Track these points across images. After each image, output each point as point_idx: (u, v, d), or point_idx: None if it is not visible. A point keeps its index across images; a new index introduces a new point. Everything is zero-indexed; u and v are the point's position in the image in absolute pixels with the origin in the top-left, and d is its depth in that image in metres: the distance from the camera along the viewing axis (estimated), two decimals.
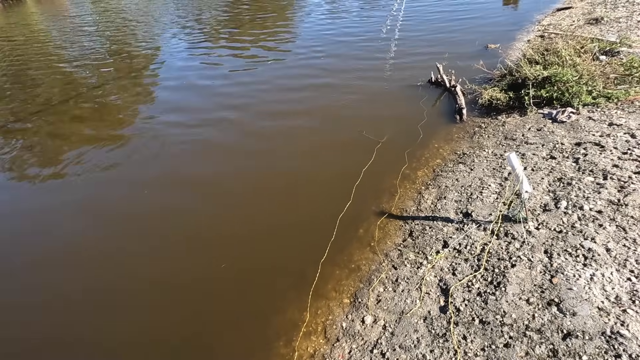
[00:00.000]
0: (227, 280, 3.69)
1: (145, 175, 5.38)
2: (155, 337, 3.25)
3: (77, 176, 5.47)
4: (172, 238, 4.24)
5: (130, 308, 3.54)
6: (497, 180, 4.12)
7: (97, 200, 4.97)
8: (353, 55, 8.89)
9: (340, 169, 4.98)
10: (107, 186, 5.22)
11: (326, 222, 4.16)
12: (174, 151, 5.84)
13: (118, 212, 4.72)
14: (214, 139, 6.06)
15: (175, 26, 12.70)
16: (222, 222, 4.39)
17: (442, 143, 5.29)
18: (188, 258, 3.97)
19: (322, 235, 4.01)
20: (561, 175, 3.80)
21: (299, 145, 5.65)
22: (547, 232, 3.17)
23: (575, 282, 2.66)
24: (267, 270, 3.76)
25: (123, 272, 3.88)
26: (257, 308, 3.42)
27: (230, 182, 5.05)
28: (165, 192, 4.96)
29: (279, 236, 4.11)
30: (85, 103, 7.91)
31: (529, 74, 5.56)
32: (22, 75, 9.96)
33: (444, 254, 3.40)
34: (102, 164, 5.67)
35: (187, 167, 5.46)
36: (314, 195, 4.62)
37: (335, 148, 5.47)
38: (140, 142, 6.16)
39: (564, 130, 4.62)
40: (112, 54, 11.01)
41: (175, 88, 8.27)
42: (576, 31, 7.48)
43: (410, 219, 4.03)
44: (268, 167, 5.25)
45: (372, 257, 3.72)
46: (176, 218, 4.51)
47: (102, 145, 6.19)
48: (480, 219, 3.64)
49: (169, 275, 3.79)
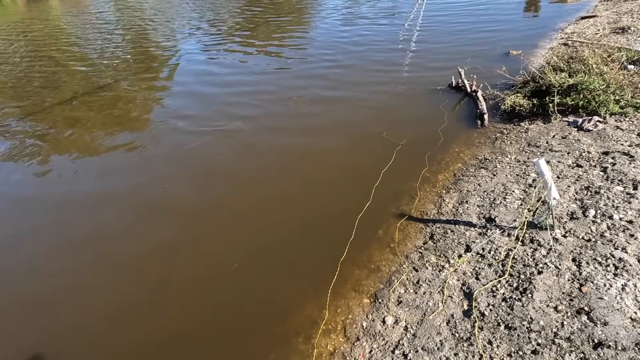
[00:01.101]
0: (246, 274, 3.71)
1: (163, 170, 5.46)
2: (175, 329, 3.28)
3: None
4: (196, 233, 4.29)
5: (159, 305, 3.58)
6: (521, 186, 4.06)
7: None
8: (372, 57, 8.88)
9: (359, 170, 4.97)
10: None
11: (345, 222, 4.15)
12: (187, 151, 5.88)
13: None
14: (235, 137, 6.11)
15: (189, 27, 12.88)
16: (242, 217, 4.42)
17: (462, 147, 5.24)
18: (209, 253, 4.01)
19: (341, 235, 4.00)
20: (588, 184, 3.73)
21: (316, 143, 5.66)
22: (575, 240, 3.11)
23: (606, 291, 2.60)
24: (286, 267, 3.77)
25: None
26: (276, 304, 3.42)
27: (251, 178, 5.09)
28: (190, 186, 5.02)
29: (298, 234, 4.12)
30: (93, 101, 8.02)
31: (554, 81, 5.48)
32: (41, 67, 10.20)
33: (466, 258, 3.36)
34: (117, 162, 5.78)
35: (214, 162, 5.53)
36: (332, 195, 4.62)
37: (353, 148, 5.46)
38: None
39: (590, 139, 4.54)
40: (128, 51, 11.20)
41: (178, 94, 8.19)
42: (602, 40, 7.35)
43: (431, 222, 4.00)
44: (287, 165, 5.27)
45: (392, 259, 3.70)
46: (197, 210, 4.57)
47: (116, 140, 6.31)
48: (504, 224, 3.59)
49: (190, 270, 3.83)
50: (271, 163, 5.35)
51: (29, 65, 10.45)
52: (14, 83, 9.30)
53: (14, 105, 8.08)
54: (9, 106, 8.07)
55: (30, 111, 7.66)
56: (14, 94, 8.70)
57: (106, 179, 5.32)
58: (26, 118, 7.38)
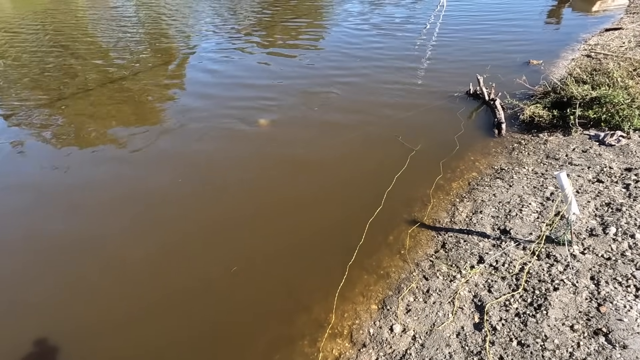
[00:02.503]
0: (254, 275, 3.69)
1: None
2: (182, 325, 3.29)
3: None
4: (205, 234, 4.30)
5: (160, 314, 3.59)
6: (538, 199, 3.97)
7: None
8: (389, 62, 8.81)
9: (372, 174, 4.92)
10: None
11: (355, 226, 4.11)
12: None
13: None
14: (235, 135, 6.12)
15: (207, 26, 13.00)
16: (251, 219, 4.40)
17: (478, 156, 5.15)
18: (216, 255, 4.01)
19: (351, 239, 3.96)
20: (609, 200, 3.62)
21: (329, 145, 5.63)
22: (594, 258, 3.01)
23: (626, 313, 2.50)
24: (295, 269, 3.74)
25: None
26: (283, 305, 3.40)
27: (262, 182, 5.06)
28: (196, 184, 5.04)
29: (308, 236, 4.09)
30: (112, 93, 8.16)
31: (576, 93, 5.35)
32: (59, 59, 10.40)
33: (479, 270, 3.29)
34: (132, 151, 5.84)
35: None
36: (344, 198, 4.58)
37: (367, 153, 5.41)
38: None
39: (612, 154, 4.41)
40: (145, 46, 11.34)
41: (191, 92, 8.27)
42: (627, 53, 7.16)
43: (443, 231, 3.93)
44: (299, 169, 5.24)
45: (402, 265, 3.65)
46: (205, 211, 4.58)
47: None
48: (520, 237, 3.50)
49: (201, 268, 3.84)
50: (282, 166, 5.30)
51: (48, 55, 10.66)
52: (33, 72, 9.50)
53: (31, 94, 8.25)
54: (28, 95, 8.23)
55: (46, 102, 7.82)
56: (32, 83, 8.87)
57: (119, 167, 5.38)
58: (42, 108, 7.52)
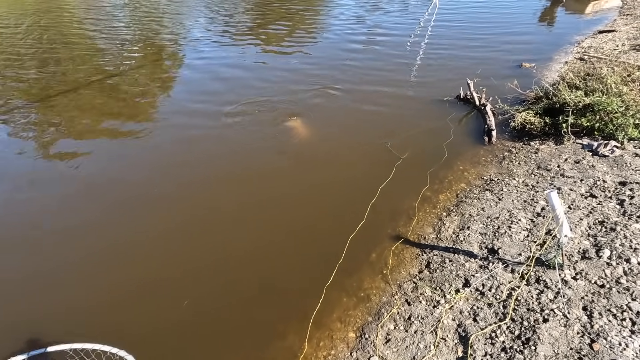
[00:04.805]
0: (222, 296, 3.43)
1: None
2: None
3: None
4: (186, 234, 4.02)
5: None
6: (528, 215, 3.75)
7: None
8: (378, 61, 8.55)
9: (355, 184, 4.67)
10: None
11: (335, 242, 3.86)
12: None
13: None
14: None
15: (200, 22, 12.62)
16: (220, 227, 4.14)
17: (467, 165, 4.93)
18: (193, 283, 3.74)
19: (331, 256, 3.72)
20: (603, 218, 3.41)
21: (311, 153, 5.36)
22: (587, 285, 2.80)
23: (621, 352, 2.29)
24: (268, 289, 3.49)
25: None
26: (255, 330, 3.15)
27: (237, 186, 4.80)
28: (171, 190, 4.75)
29: (282, 252, 3.83)
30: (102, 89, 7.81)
31: (568, 100, 5.14)
32: (51, 52, 9.98)
33: (464, 294, 3.06)
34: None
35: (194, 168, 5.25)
36: (324, 211, 4.32)
37: (351, 160, 5.15)
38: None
39: (606, 165, 4.21)
40: (136, 41, 10.95)
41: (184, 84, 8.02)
42: (621, 57, 6.99)
43: (429, 248, 3.70)
44: (277, 175, 4.97)
45: (383, 287, 3.41)
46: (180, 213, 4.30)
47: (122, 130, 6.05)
48: (508, 258, 3.28)
49: (171, 293, 3.56)
50: (259, 171, 5.03)
51: (39, 49, 10.26)
52: (21, 65, 9.09)
53: (21, 89, 7.88)
54: (17, 90, 7.86)
55: (37, 97, 7.48)
56: (20, 77, 8.48)
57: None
58: (33, 104, 7.20)
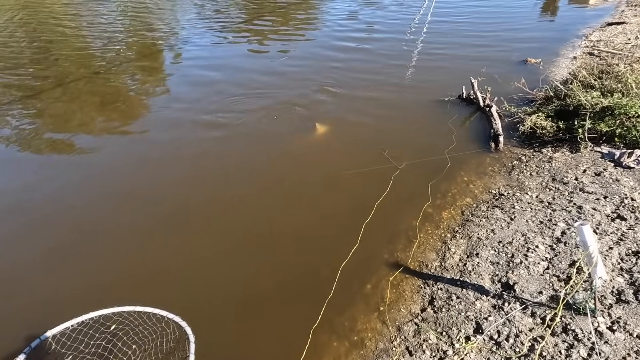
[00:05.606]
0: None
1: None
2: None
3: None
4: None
5: None
6: (546, 240, 3.24)
7: None
8: (375, 56, 7.96)
9: (347, 201, 4.12)
10: None
11: (324, 272, 3.34)
12: None
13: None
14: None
15: (191, 18, 11.88)
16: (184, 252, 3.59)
17: (473, 176, 4.41)
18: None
19: (319, 290, 3.19)
20: (637, 248, 2.91)
21: (299, 164, 4.81)
22: (627, 339, 2.30)
23: None
24: (244, 331, 2.96)
25: None
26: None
27: (209, 200, 4.25)
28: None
29: (264, 285, 3.29)
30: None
31: (584, 101, 4.63)
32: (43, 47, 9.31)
33: (476, 344, 2.56)
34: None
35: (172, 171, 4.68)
36: (310, 234, 3.77)
37: (342, 174, 4.58)
38: None
39: (632, 179, 3.71)
40: (127, 36, 10.28)
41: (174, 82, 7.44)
42: (634, 51, 6.47)
43: (432, 279, 3.19)
44: (261, 188, 4.42)
45: (380, 329, 2.90)
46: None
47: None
48: (527, 297, 2.78)
49: None
50: (239, 187, 4.49)
51: (27, 46, 9.57)
52: (10, 64, 8.42)
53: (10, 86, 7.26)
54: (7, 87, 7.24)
55: (27, 94, 6.88)
56: (10, 75, 7.83)
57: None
58: (22, 100, 6.62)
